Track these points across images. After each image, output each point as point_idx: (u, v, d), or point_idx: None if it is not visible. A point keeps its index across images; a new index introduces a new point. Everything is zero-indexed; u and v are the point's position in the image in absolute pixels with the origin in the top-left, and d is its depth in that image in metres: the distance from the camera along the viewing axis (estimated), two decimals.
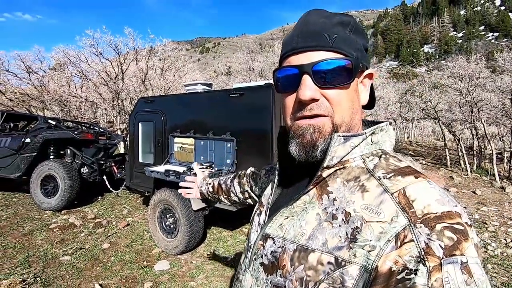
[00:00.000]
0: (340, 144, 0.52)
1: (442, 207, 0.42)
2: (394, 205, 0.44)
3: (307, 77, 0.50)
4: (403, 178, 0.47)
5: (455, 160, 12.05)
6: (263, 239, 0.57)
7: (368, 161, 0.53)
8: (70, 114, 13.01)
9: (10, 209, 5.00)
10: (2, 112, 6.14)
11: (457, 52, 59.44)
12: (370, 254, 0.42)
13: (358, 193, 0.49)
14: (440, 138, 20.16)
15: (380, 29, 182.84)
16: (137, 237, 4.04)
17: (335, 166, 0.53)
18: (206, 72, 69.56)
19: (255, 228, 0.65)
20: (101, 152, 6.02)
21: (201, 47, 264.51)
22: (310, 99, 0.50)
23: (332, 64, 0.49)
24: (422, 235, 0.40)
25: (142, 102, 4.30)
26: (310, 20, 0.53)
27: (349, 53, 0.51)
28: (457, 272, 0.37)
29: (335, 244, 0.46)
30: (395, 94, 19.42)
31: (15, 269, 3.03)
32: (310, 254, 0.48)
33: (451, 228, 0.39)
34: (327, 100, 0.51)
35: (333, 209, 0.49)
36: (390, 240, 0.42)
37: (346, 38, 0.52)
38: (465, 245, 0.39)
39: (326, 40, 0.50)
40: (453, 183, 8.91)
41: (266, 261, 0.55)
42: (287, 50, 0.54)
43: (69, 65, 12.65)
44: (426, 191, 0.44)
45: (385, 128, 0.57)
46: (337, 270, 0.44)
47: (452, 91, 10.82)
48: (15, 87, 12.84)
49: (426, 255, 0.38)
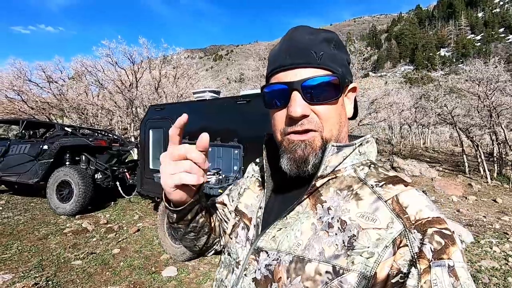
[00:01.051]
0: (334, 154, 0.53)
1: (432, 212, 0.44)
2: (389, 212, 0.45)
3: (297, 94, 0.51)
4: (394, 186, 0.49)
5: (474, 167, 11.62)
6: (255, 254, 0.56)
7: (359, 170, 0.55)
8: (87, 122, 13.48)
9: (28, 214, 5.19)
10: (22, 120, 6.43)
11: (475, 55, 58.03)
12: (369, 261, 0.43)
13: (353, 201, 0.49)
14: (458, 144, 19.51)
15: (394, 33, 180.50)
16: (147, 243, 4.09)
17: (328, 175, 0.54)
18: (219, 79, 70.54)
19: (241, 243, 0.61)
20: (114, 159, 6.18)
21: (214, 54, 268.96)
22: (301, 116, 0.51)
23: (320, 81, 0.51)
24: (416, 240, 0.42)
25: (152, 109, 4.40)
26: (296, 37, 0.54)
27: (335, 69, 0.53)
28: (444, 275, 0.39)
29: (332, 253, 0.46)
30: (409, 99, 19.01)
31: (29, 272, 3.12)
32: (307, 265, 0.47)
33: (440, 233, 0.41)
34: (317, 115, 0.52)
35: (328, 218, 0.50)
36: (388, 246, 0.43)
37: (331, 55, 0.53)
38: (452, 250, 0.40)
39: (313, 57, 0.51)
40: (472, 191, 8.58)
41: (259, 276, 0.53)
42: (275, 67, 0.55)
43: (87, 74, 13.15)
44: (417, 198, 0.46)
45: (370, 140, 0.59)
46: (336, 279, 0.44)
47: (470, 96, 10.50)
48: (37, 96, 13.45)
49: (418, 259, 0.40)
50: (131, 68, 12.47)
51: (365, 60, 12.50)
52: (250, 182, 0.72)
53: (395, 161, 11.64)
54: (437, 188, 8.70)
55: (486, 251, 4.09)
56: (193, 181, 0.49)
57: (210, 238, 0.73)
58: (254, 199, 0.66)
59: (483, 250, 4.13)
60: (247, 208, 0.66)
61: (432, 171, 10.72)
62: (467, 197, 7.66)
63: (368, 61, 13.25)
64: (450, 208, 6.64)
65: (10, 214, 5.12)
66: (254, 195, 0.67)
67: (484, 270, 3.52)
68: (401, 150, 18.23)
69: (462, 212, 6.28)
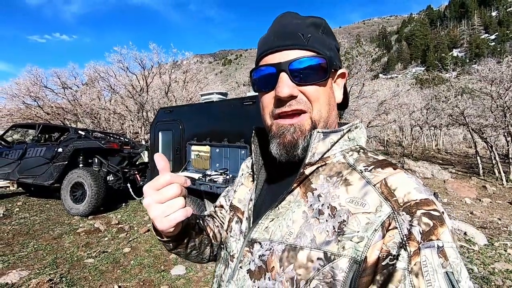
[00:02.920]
0: (320, 141, 0.53)
1: (420, 194, 0.44)
2: (377, 196, 0.45)
3: (284, 75, 0.51)
4: (382, 169, 0.49)
5: (488, 168, 11.31)
6: (249, 245, 0.56)
7: (348, 156, 0.54)
8: (100, 126, 13.82)
9: (43, 214, 5.36)
10: (39, 124, 6.66)
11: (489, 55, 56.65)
12: (359, 245, 0.43)
13: (342, 187, 0.49)
14: (471, 145, 19.04)
15: (404, 35, 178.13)
16: (156, 243, 4.16)
17: (317, 163, 0.53)
18: (228, 83, 71.04)
19: (235, 236, 0.62)
20: (125, 161, 6.32)
21: (223, 59, 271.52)
22: (288, 96, 0.51)
23: (308, 62, 0.51)
24: (404, 222, 0.41)
25: (162, 112, 4.51)
26: (284, 21, 0.55)
27: (323, 52, 0.53)
28: (434, 256, 0.39)
29: (323, 239, 0.46)
30: (421, 100, 18.71)
31: (44, 269, 3.24)
32: (299, 252, 0.48)
33: (428, 214, 0.41)
34: (305, 96, 0.53)
35: (318, 205, 0.50)
36: (377, 229, 0.43)
37: (319, 38, 0.54)
38: (441, 230, 0.40)
39: (301, 39, 0.52)
40: (487, 193, 8.35)
41: (253, 267, 0.53)
42: (263, 50, 0.55)
43: (99, 80, 13.52)
44: (405, 180, 0.46)
45: (359, 125, 0.59)
46: (327, 265, 0.44)
47: (483, 96, 10.27)
48: (52, 101, 13.91)
49: (408, 241, 0.40)
50: (142, 73, 12.77)
51: (374, 61, 12.40)
52: (243, 178, 0.72)
53: (406, 163, 11.45)
54: (449, 190, 8.51)
55: (500, 254, 3.99)
56: (190, 213, 0.51)
57: (214, 247, 0.74)
58: (247, 193, 0.67)
59: (497, 253, 4.03)
60: (240, 202, 0.67)
61: (445, 173, 10.49)
62: (481, 200, 7.46)
63: (377, 62, 13.15)
64: (463, 211, 6.49)
65: (26, 214, 5.31)
66: (246, 189, 0.68)
67: (497, 272, 3.43)
68: (412, 152, 17.90)
69: (475, 215, 6.12)
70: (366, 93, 13.00)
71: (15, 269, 3.20)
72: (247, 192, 0.67)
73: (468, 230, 4.62)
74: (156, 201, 0.49)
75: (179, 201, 0.50)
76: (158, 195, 0.49)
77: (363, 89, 12.57)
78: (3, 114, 13.97)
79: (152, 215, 0.50)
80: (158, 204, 0.49)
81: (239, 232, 0.62)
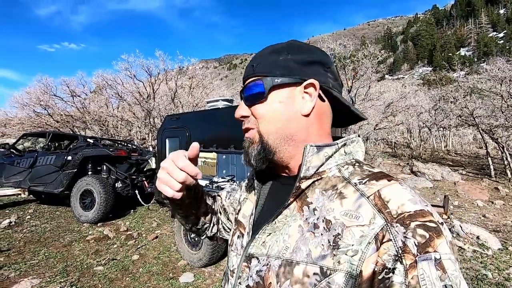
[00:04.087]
0: (314, 154, 0.54)
1: (414, 206, 0.43)
2: (371, 208, 0.45)
3: (242, 101, 0.62)
4: (377, 181, 0.49)
5: (500, 169, 11.05)
6: (247, 260, 0.57)
7: (344, 170, 0.55)
8: (108, 133, 14.01)
9: (53, 222, 5.45)
10: (49, 132, 6.80)
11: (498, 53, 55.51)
12: (353, 259, 0.43)
13: (337, 200, 0.50)
14: (482, 146, 18.66)
15: (410, 35, 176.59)
16: (165, 249, 4.18)
17: (313, 177, 0.54)
18: (234, 88, 71.38)
19: (236, 251, 0.64)
20: (133, 168, 6.39)
21: (228, 64, 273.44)
22: (239, 116, 0.62)
23: (249, 87, 0.60)
24: (399, 234, 0.41)
25: (168, 119, 4.55)
26: (254, 56, 0.64)
27: (269, 73, 0.57)
28: (431, 269, 0.38)
29: (319, 254, 0.46)
30: (428, 101, 18.47)
31: (54, 277, 3.28)
32: (295, 268, 0.48)
33: (424, 226, 0.41)
34: (253, 115, 0.60)
35: (314, 219, 0.50)
36: (370, 242, 0.43)
37: (271, 62, 0.58)
38: (438, 242, 0.40)
39: (251, 69, 0.60)
40: (499, 195, 8.15)
41: (251, 283, 0.54)
42: None
43: (107, 87, 13.73)
44: (399, 192, 0.46)
45: (355, 139, 0.60)
46: (324, 280, 0.44)
47: (492, 96, 10.08)
48: (61, 109, 14.17)
49: (403, 253, 0.40)
50: (148, 80, 12.92)
51: (379, 63, 12.31)
52: (248, 192, 0.73)
53: (415, 165, 11.28)
54: (460, 193, 8.34)
55: None
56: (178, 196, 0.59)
57: (200, 221, 0.79)
58: (250, 208, 0.68)
59: (511, 257, 3.92)
60: (244, 217, 0.68)
61: (455, 175, 10.29)
62: (494, 202, 7.29)
63: (383, 64, 13.05)
64: (475, 214, 6.35)
65: (37, 222, 5.40)
66: (251, 204, 0.69)
67: None
68: (421, 154, 17.63)
69: (488, 218, 5.99)
70: (373, 95, 12.90)
71: (26, 277, 3.25)
72: (250, 207, 0.68)
73: (481, 234, 4.51)
74: (165, 171, 0.58)
75: (176, 184, 0.57)
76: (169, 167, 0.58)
77: (369, 91, 12.48)
78: (15, 123, 14.30)
79: (158, 176, 0.60)
80: (165, 173, 0.58)
81: (240, 247, 0.63)
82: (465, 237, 4.57)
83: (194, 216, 0.77)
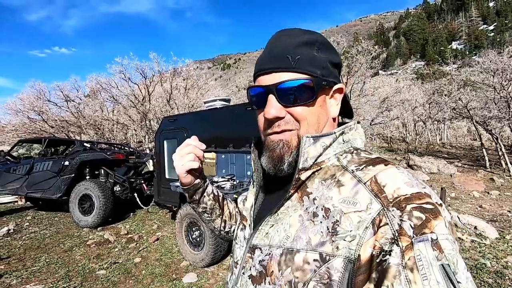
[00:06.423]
0: (311, 145, 0.54)
1: (411, 189, 0.44)
2: (367, 193, 0.46)
3: (272, 97, 0.54)
4: (373, 167, 0.50)
5: (495, 160, 11.21)
6: (251, 251, 0.58)
7: (342, 159, 0.55)
8: (104, 137, 13.92)
9: (53, 228, 5.41)
10: (45, 138, 6.74)
11: (489, 46, 55.84)
12: (351, 244, 0.44)
13: (335, 188, 0.50)
14: (476, 138, 18.87)
15: (402, 30, 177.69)
16: (166, 251, 4.18)
17: (312, 168, 0.55)
18: (229, 87, 71.26)
19: (240, 243, 0.66)
20: (131, 171, 6.35)
21: (222, 64, 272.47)
22: (274, 117, 0.54)
23: (294, 84, 0.53)
24: (395, 218, 0.42)
25: (166, 121, 4.54)
26: (277, 42, 0.57)
27: (313, 72, 0.54)
28: (428, 249, 0.39)
29: (318, 241, 0.47)
30: (422, 95, 18.64)
31: (57, 283, 3.26)
32: (296, 255, 0.49)
33: (420, 208, 0.41)
34: (292, 116, 0.55)
35: (313, 208, 0.51)
36: (368, 227, 0.43)
37: (310, 58, 0.54)
38: (434, 223, 0.40)
39: (289, 62, 0.53)
40: (495, 185, 8.27)
41: (254, 272, 0.55)
42: (257, 70, 0.58)
43: (101, 91, 13.65)
44: (395, 175, 0.47)
45: (354, 127, 0.60)
46: (323, 266, 0.45)
47: (485, 88, 10.21)
48: (56, 115, 14.04)
49: (399, 236, 0.40)
50: (143, 82, 12.86)
51: (373, 59, 12.40)
52: (251, 187, 0.75)
53: (411, 159, 11.38)
54: (456, 185, 8.44)
55: None
56: (196, 166, 0.70)
57: (227, 224, 0.85)
58: (251, 200, 0.70)
59: (509, 246, 3.99)
60: (246, 211, 0.70)
61: (451, 167, 10.41)
62: (490, 192, 7.39)
63: (377, 59, 13.14)
64: (472, 204, 6.43)
65: (36, 228, 5.36)
66: (251, 197, 0.70)
67: (511, 266, 3.40)
68: (417, 147, 17.79)
69: (485, 208, 6.07)
70: (368, 91, 12.98)
71: (28, 284, 3.23)
72: (251, 200, 0.70)
73: (478, 224, 4.58)
74: (178, 155, 0.71)
75: (189, 156, 0.70)
76: (179, 151, 0.71)
77: (364, 87, 12.55)
78: (9, 130, 14.13)
79: (174, 164, 0.71)
80: (178, 157, 0.71)
81: (243, 238, 0.65)
82: (463, 227, 4.63)
83: (220, 219, 0.83)
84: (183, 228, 3.79)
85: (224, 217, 0.84)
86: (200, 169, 0.74)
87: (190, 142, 0.71)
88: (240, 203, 0.86)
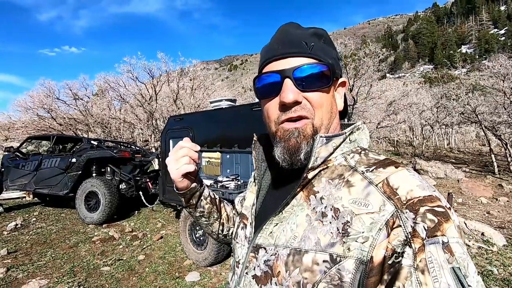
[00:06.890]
0: (323, 145, 0.53)
1: (423, 191, 0.44)
2: (380, 195, 0.46)
3: (289, 81, 0.52)
4: (384, 169, 0.49)
5: (503, 166, 11.01)
6: (254, 251, 0.57)
7: (349, 158, 0.55)
8: (110, 135, 14.08)
9: (59, 224, 5.48)
10: (53, 135, 6.84)
11: (500, 50, 54.99)
12: (364, 246, 0.43)
13: (344, 188, 0.50)
14: (485, 143, 18.57)
15: (410, 33, 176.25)
16: (170, 249, 4.21)
17: (319, 166, 0.54)
18: (235, 88, 71.45)
19: (241, 242, 0.64)
20: (137, 169, 6.42)
21: (229, 65, 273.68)
22: (293, 101, 0.52)
23: (312, 69, 0.52)
24: (408, 220, 0.42)
25: (172, 120, 4.57)
26: (288, 30, 0.57)
27: (326, 60, 0.55)
28: (439, 252, 0.39)
29: (328, 241, 0.46)
30: (430, 99, 18.43)
31: (62, 278, 3.31)
32: (304, 256, 0.48)
33: (433, 211, 0.41)
34: (309, 102, 0.54)
35: (321, 207, 0.50)
36: (381, 228, 0.43)
37: (321, 47, 0.56)
38: (446, 226, 0.40)
39: (305, 47, 0.54)
40: (503, 192, 8.11)
41: (259, 272, 0.54)
42: (267, 57, 0.57)
43: (109, 90, 13.83)
44: (407, 178, 0.47)
45: (361, 127, 0.60)
46: (334, 267, 0.44)
47: (495, 92, 10.05)
48: (64, 112, 14.27)
49: (412, 238, 0.40)
50: (150, 82, 13.00)
51: (381, 61, 12.31)
52: (251, 186, 0.74)
53: (418, 163, 11.25)
54: (464, 190, 8.32)
55: None
56: (192, 169, 0.67)
57: (225, 227, 0.83)
58: (251, 199, 0.68)
59: None
60: (246, 209, 0.68)
61: (458, 173, 10.25)
62: (498, 199, 7.25)
63: (384, 62, 13.05)
64: (479, 210, 6.33)
65: (43, 224, 5.44)
66: (252, 195, 0.69)
67: None
68: (424, 151, 17.58)
69: (492, 214, 5.96)
70: (374, 94, 12.89)
71: (34, 278, 3.28)
72: (252, 199, 0.69)
73: (485, 230, 4.50)
74: (172, 159, 0.67)
75: (184, 159, 0.66)
76: (173, 155, 0.68)
77: (371, 90, 12.47)
78: (18, 126, 14.40)
79: (169, 169, 0.68)
80: (173, 161, 0.67)
81: (244, 238, 0.63)
82: (470, 233, 4.56)
83: (218, 223, 0.82)
84: (187, 227, 3.81)
85: (222, 220, 0.82)
86: (195, 172, 0.71)
87: (183, 145, 0.67)
88: (237, 204, 0.85)
